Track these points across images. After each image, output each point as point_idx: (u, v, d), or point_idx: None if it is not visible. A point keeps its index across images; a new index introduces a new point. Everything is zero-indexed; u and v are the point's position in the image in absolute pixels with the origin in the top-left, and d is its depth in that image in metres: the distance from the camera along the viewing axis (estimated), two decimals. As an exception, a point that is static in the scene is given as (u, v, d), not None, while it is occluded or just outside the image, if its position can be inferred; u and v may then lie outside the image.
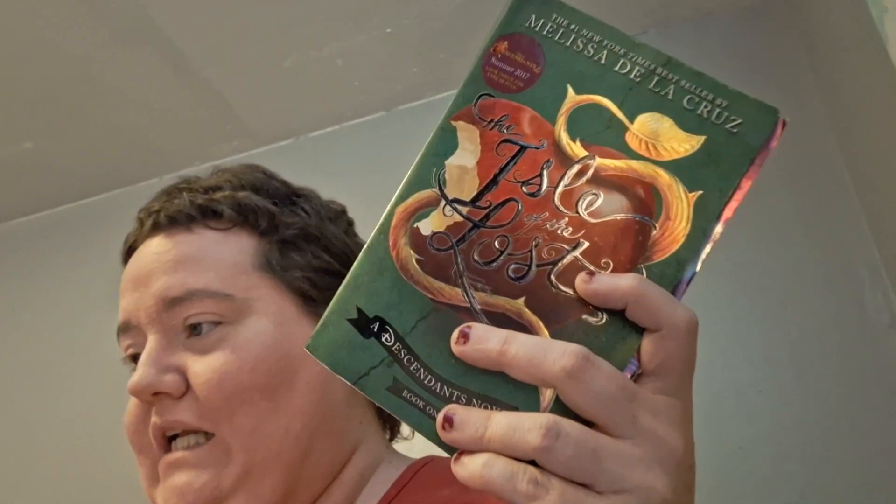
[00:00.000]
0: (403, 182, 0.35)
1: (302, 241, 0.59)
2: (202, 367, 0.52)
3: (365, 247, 0.35)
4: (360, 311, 0.34)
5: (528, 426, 0.30)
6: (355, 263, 0.35)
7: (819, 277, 1.22)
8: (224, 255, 0.56)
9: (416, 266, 0.34)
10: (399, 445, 0.65)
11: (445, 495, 0.51)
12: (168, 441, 0.53)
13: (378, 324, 0.34)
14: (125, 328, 0.57)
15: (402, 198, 0.35)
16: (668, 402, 0.33)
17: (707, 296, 1.26)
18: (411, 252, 0.34)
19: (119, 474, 1.48)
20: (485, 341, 0.32)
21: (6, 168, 1.61)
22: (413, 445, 0.61)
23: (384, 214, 0.35)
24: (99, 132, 1.56)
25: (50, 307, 1.66)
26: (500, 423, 0.30)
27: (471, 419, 0.31)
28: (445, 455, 0.32)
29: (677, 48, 1.52)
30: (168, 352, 0.53)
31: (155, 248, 0.57)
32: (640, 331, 0.33)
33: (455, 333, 0.32)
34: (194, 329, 0.53)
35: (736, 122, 0.33)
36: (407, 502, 0.53)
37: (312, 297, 0.58)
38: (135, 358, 0.57)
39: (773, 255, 1.25)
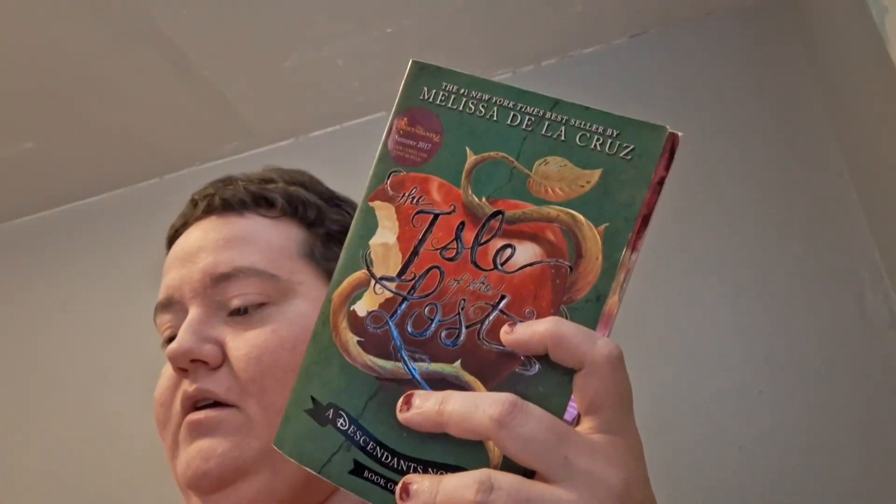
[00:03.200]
0: (336, 268, 0.37)
1: (345, 237, 0.62)
2: (242, 341, 0.53)
3: (311, 337, 0.36)
4: (314, 400, 0.36)
5: (465, 483, 0.31)
6: (305, 354, 0.36)
7: (819, 277, 1.22)
8: (272, 239, 0.58)
9: (358, 348, 0.35)
10: None
11: None
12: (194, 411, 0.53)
13: (332, 410, 0.35)
14: (167, 304, 0.57)
15: (337, 283, 0.36)
16: (606, 439, 0.33)
17: (707, 296, 1.26)
18: (352, 335, 0.35)
19: (125, 473, 1.48)
20: (424, 404, 0.33)
21: (6, 168, 1.61)
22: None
23: (323, 302, 0.36)
24: (99, 132, 1.56)
25: (50, 307, 1.66)
26: (448, 484, 0.32)
27: (423, 486, 0.32)
28: None
29: (677, 48, 1.52)
30: (208, 324, 0.54)
31: (205, 228, 0.59)
32: (571, 374, 0.33)
33: (399, 402, 0.33)
34: (239, 311, 0.54)
35: (628, 149, 0.34)
36: None
37: None
38: (172, 339, 0.57)
39: (774, 256, 1.25)
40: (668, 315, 1.26)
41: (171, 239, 0.63)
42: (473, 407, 0.32)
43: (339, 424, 0.35)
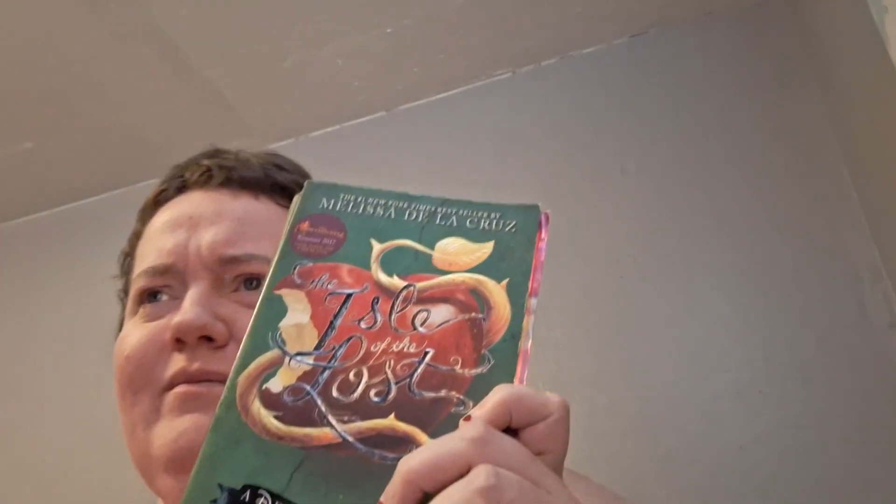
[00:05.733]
0: (238, 356, 0.37)
1: None
2: None
3: (211, 426, 0.35)
4: (221, 487, 0.33)
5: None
6: (203, 445, 0.34)
7: (819, 277, 1.22)
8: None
9: (276, 423, 0.35)
10: None
11: None
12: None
13: (248, 492, 0.33)
14: (164, 271, 0.55)
15: (242, 367, 0.36)
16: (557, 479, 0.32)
17: (708, 296, 1.26)
18: (267, 412, 0.35)
19: (113, 476, 1.48)
20: (392, 489, 0.30)
21: (6, 168, 1.61)
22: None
23: (226, 388, 0.36)
24: (99, 132, 1.56)
25: (50, 307, 1.66)
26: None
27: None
28: None
29: (677, 48, 1.52)
30: (216, 301, 0.53)
31: (216, 200, 0.58)
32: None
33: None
34: (248, 283, 0.54)
35: (512, 224, 0.41)
36: None
37: None
38: (150, 295, 0.55)
39: (774, 255, 1.25)
40: (668, 315, 1.26)
41: (162, 199, 0.62)
42: (440, 444, 0.30)
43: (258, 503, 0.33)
